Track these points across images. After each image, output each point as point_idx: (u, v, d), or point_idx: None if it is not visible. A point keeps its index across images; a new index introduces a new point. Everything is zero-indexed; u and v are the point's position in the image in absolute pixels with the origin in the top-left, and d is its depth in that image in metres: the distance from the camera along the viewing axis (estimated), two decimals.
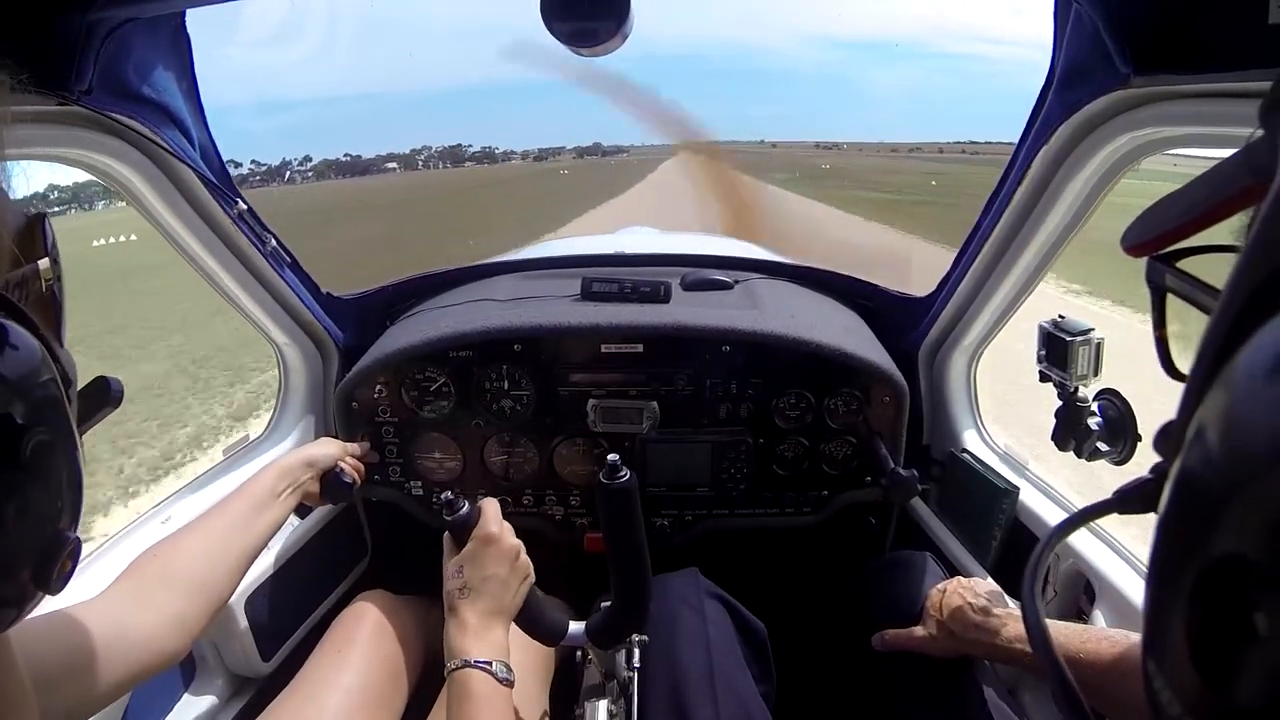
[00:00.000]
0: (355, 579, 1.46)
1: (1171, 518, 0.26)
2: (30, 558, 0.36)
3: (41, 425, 0.36)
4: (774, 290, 1.51)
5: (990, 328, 1.28)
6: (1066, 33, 0.84)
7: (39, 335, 0.37)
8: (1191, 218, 0.34)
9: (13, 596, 0.36)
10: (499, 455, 1.36)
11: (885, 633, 0.99)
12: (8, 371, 0.34)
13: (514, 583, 0.89)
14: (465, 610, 0.85)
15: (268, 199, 19.67)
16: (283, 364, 1.44)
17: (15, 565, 0.35)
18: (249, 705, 1.15)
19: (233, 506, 0.96)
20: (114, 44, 0.82)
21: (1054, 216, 1.02)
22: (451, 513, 0.89)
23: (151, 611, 0.76)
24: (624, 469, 0.87)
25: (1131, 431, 0.94)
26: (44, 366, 0.37)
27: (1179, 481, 0.25)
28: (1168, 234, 0.36)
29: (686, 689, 0.95)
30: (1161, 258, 0.38)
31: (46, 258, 0.41)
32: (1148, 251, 0.38)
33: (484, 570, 0.87)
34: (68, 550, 0.38)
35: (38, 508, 0.36)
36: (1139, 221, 0.39)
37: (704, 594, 1.10)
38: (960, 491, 1.32)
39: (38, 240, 0.41)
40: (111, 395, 0.47)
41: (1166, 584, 0.25)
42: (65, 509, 0.38)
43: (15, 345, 0.35)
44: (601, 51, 0.80)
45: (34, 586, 0.37)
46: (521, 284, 1.52)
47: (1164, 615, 0.25)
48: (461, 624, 0.84)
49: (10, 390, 0.34)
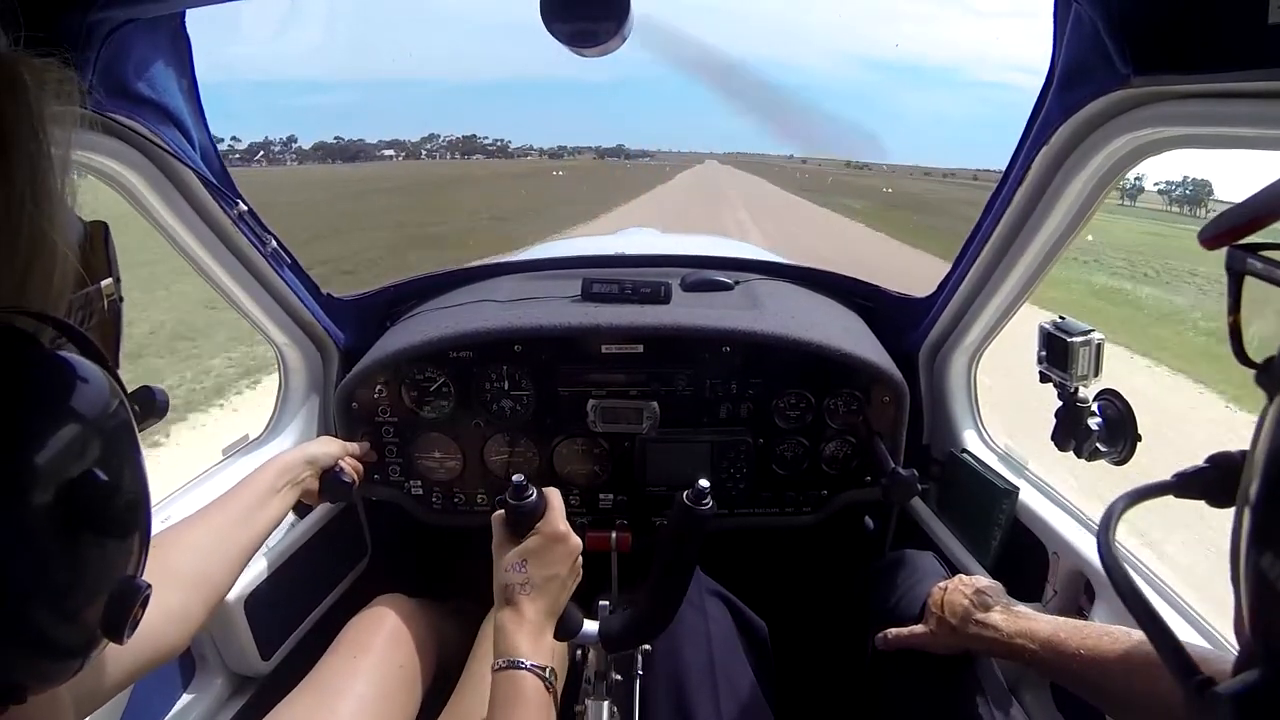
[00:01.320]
0: (355, 578, 1.46)
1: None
2: (104, 607, 0.35)
3: (123, 476, 0.34)
4: (774, 291, 1.51)
5: (990, 328, 1.28)
6: (1066, 33, 0.84)
7: (107, 367, 0.35)
8: (1266, 213, 0.37)
9: (81, 646, 0.35)
10: (499, 455, 1.36)
11: (888, 631, 0.99)
12: (90, 415, 0.33)
13: (571, 585, 0.87)
14: (528, 607, 0.82)
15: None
16: (283, 364, 1.44)
17: (90, 616, 0.34)
18: (249, 704, 1.15)
19: (232, 501, 0.96)
20: (114, 44, 0.82)
21: (1054, 217, 1.02)
22: (519, 498, 0.85)
23: (151, 605, 0.76)
24: (709, 497, 0.86)
25: (1131, 432, 0.95)
26: (121, 407, 0.35)
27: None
28: (1238, 227, 0.39)
29: (688, 686, 0.95)
30: (1240, 247, 0.40)
31: (110, 277, 0.39)
32: (1222, 243, 0.40)
33: (549, 568, 0.84)
34: (140, 599, 0.37)
35: (114, 557, 0.35)
36: (1216, 219, 0.41)
37: (705, 592, 1.10)
38: (960, 491, 1.32)
39: (99, 253, 0.40)
40: (157, 406, 0.45)
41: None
42: (137, 554, 0.38)
43: (93, 385, 0.34)
44: (601, 52, 0.80)
45: (102, 635, 0.35)
46: (522, 285, 1.52)
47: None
48: (521, 619, 0.81)
49: (95, 439, 0.33)
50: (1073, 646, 0.79)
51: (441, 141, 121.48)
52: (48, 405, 0.32)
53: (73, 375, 0.33)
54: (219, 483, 1.22)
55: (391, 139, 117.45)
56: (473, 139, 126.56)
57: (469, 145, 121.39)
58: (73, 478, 0.32)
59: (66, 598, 0.33)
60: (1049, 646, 0.81)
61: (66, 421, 0.32)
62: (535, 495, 0.86)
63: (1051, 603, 1.06)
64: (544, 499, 0.87)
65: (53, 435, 0.32)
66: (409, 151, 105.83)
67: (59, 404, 0.32)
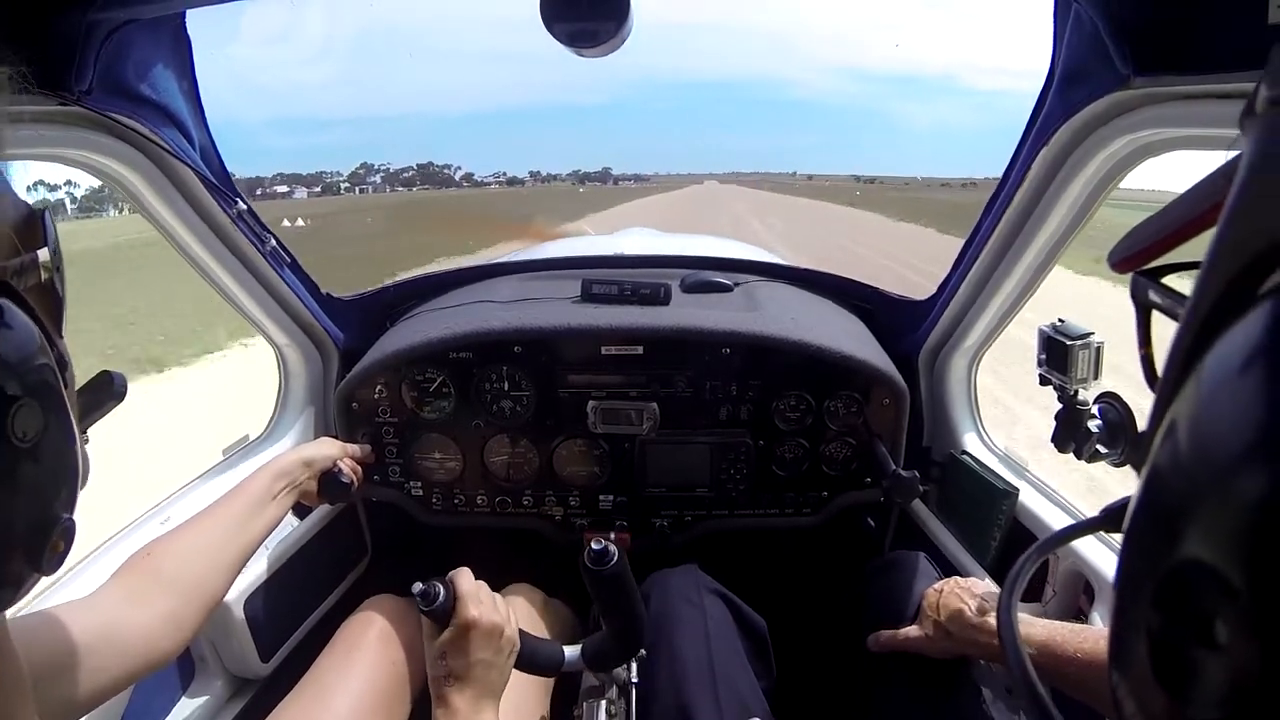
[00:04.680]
0: (355, 579, 1.46)
1: (1136, 524, 0.25)
2: (21, 537, 0.36)
3: (33, 401, 0.36)
4: (774, 293, 1.51)
5: (991, 330, 1.28)
6: (1066, 33, 0.84)
7: (35, 319, 0.37)
8: (1170, 232, 0.34)
9: (6, 576, 0.36)
10: (499, 456, 1.36)
11: (880, 633, 0.99)
12: (12, 360, 0.35)
13: (501, 661, 0.86)
14: (455, 698, 0.81)
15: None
16: (282, 365, 1.44)
17: (5, 544, 0.36)
18: (248, 706, 1.15)
19: (228, 506, 0.96)
20: (114, 44, 0.82)
21: (1054, 218, 1.02)
22: (429, 604, 0.84)
23: (145, 611, 0.76)
24: (611, 550, 0.85)
25: (1131, 434, 0.94)
26: (40, 351, 0.37)
27: (1145, 487, 0.25)
28: (1147, 249, 0.36)
29: (687, 684, 0.95)
30: (1145, 274, 0.37)
31: (46, 248, 0.41)
32: (1130, 268, 0.38)
33: (469, 656, 0.83)
34: (59, 530, 0.38)
35: (28, 486, 0.36)
36: (1126, 238, 0.39)
37: (704, 590, 1.10)
38: (960, 493, 1.32)
39: (38, 232, 0.41)
40: (115, 389, 0.47)
41: (1130, 591, 0.25)
42: (59, 493, 0.39)
43: (11, 326, 0.35)
44: (601, 52, 0.80)
45: (28, 567, 0.37)
46: (522, 285, 1.52)
47: (1127, 624, 0.25)
48: (451, 712, 0.81)
49: (4, 368, 0.34)
50: (1070, 650, 0.79)
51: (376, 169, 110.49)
52: None
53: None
54: (219, 484, 1.22)
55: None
56: (428, 167, 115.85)
57: (413, 177, 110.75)
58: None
59: None
60: (1046, 651, 0.81)
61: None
62: (441, 594, 0.84)
63: (1051, 603, 1.06)
64: (451, 591, 0.86)
65: None
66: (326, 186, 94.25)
67: None
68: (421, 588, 0.84)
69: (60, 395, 0.38)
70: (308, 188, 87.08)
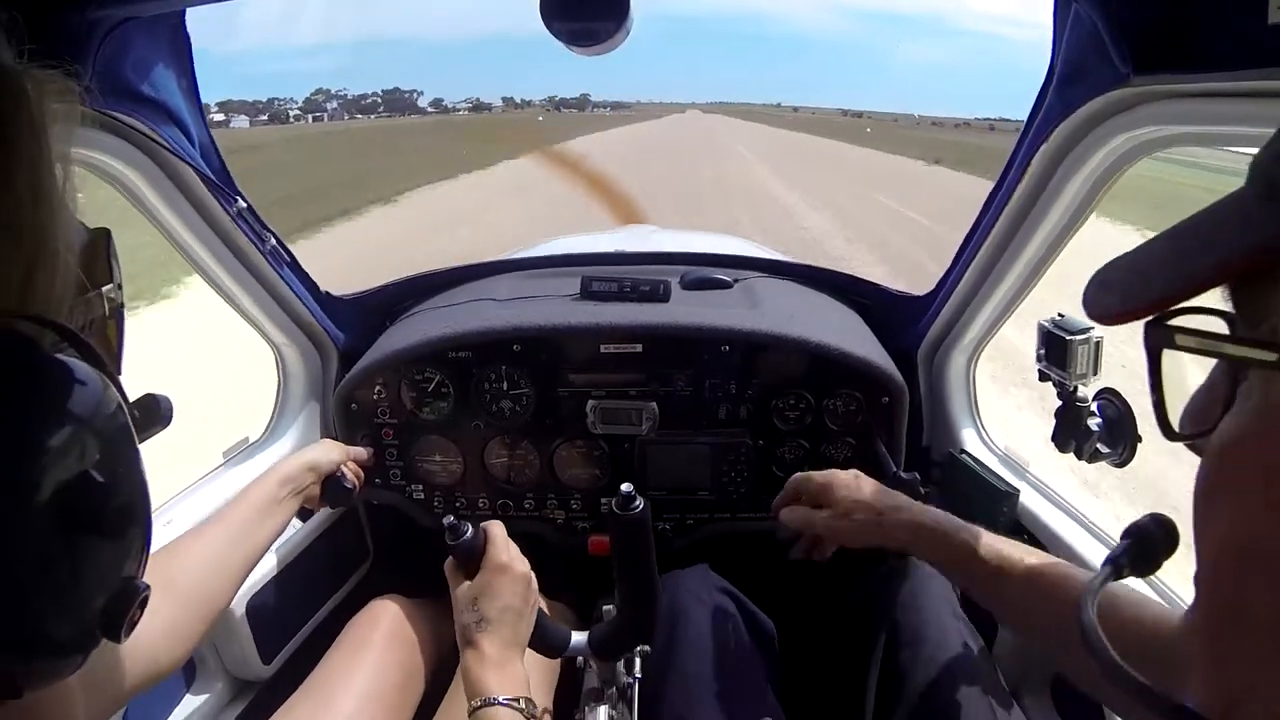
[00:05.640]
0: (357, 582, 1.46)
1: None
2: (103, 607, 0.35)
3: (120, 478, 0.35)
4: (773, 289, 1.51)
5: (989, 326, 1.28)
6: (1065, 31, 0.84)
7: (107, 371, 0.36)
8: (1200, 280, 0.32)
9: (78, 644, 0.35)
10: (500, 458, 1.35)
11: (787, 511, 1.03)
12: (89, 419, 0.33)
13: (527, 612, 0.87)
14: (486, 644, 0.82)
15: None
16: (281, 365, 1.43)
17: (88, 614, 0.35)
18: (249, 708, 1.14)
19: (233, 514, 0.95)
20: (113, 42, 0.82)
21: (1053, 215, 1.02)
22: (456, 538, 0.85)
23: (149, 620, 0.76)
24: (638, 499, 0.85)
25: (1132, 432, 0.94)
26: (120, 411, 0.36)
27: None
28: (1163, 299, 0.34)
29: (694, 683, 0.95)
30: (1159, 320, 0.34)
31: (112, 283, 0.39)
32: (1142, 316, 0.35)
33: (499, 601, 0.84)
34: (139, 600, 0.37)
35: (112, 557, 0.36)
36: (1118, 285, 0.37)
37: (713, 589, 1.10)
38: (960, 494, 1.32)
39: (101, 259, 0.40)
40: (161, 414, 0.45)
41: None
42: (135, 554, 0.38)
43: (91, 389, 0.34)
44: (602, 51, 0.80)
45: (100, 634, 0.36)
46: (521, 283, 1.52)
47: None
48: (482, 656, 0.81)
49: (93, 442, 0.34)
50: (983, 553, 0.84)
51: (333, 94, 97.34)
52: (45, 408, 0.33)
53: (71, 379, 0.34)
54: (219, 487, 1.22)
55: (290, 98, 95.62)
56: (395, 93, 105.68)
57: (376, 102, 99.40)
58: (69, 479, 0.32)
59: (62, 597, 0.33)
60: (964, 547, 0.86)
61: (64, 424, 0.33)
62: (472, 532, 0.86)
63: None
64: (481, 533, 0.87)
65: (50, 437, 0.32)
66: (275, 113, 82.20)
67: (56, 407, 0.33)
68: (452, 520, 0.85)
69: (139, 458, 0.37)
70: (250, 116, 77.53)
